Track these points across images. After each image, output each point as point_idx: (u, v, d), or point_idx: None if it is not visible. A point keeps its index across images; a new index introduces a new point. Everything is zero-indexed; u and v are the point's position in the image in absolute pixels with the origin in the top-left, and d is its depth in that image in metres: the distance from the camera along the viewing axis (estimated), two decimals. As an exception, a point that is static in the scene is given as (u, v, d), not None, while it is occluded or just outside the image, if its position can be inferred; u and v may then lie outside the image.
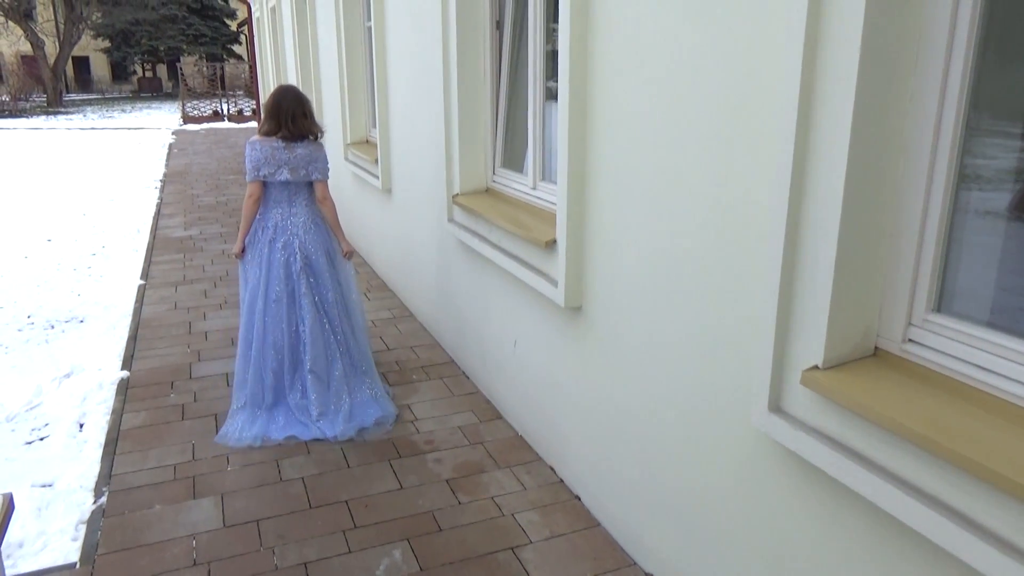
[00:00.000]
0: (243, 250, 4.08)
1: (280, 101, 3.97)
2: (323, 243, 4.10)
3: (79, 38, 36.48)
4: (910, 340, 1.82)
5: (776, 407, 2.00)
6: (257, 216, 4.03)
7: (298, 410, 4.01)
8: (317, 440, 3.85)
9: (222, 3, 40.73)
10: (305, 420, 3.97)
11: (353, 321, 4.23)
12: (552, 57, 3.50)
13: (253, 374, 4.01)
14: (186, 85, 27.23)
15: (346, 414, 3.99)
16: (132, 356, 4.97)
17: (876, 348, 1.89)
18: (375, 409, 4.07)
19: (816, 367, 1.85)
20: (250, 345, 4.03)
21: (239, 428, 3.90)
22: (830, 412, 1.84)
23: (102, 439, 3.89)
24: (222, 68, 30.32)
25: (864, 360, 1.87)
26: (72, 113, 29.94)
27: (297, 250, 4.01)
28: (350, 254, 4.27)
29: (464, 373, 4.68)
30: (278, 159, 3.92)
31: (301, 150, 3.96)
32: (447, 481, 3.49)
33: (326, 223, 4.15)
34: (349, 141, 7.19)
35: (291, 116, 3.95)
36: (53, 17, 37.83)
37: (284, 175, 3.94)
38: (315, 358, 4.01)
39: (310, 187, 4.07)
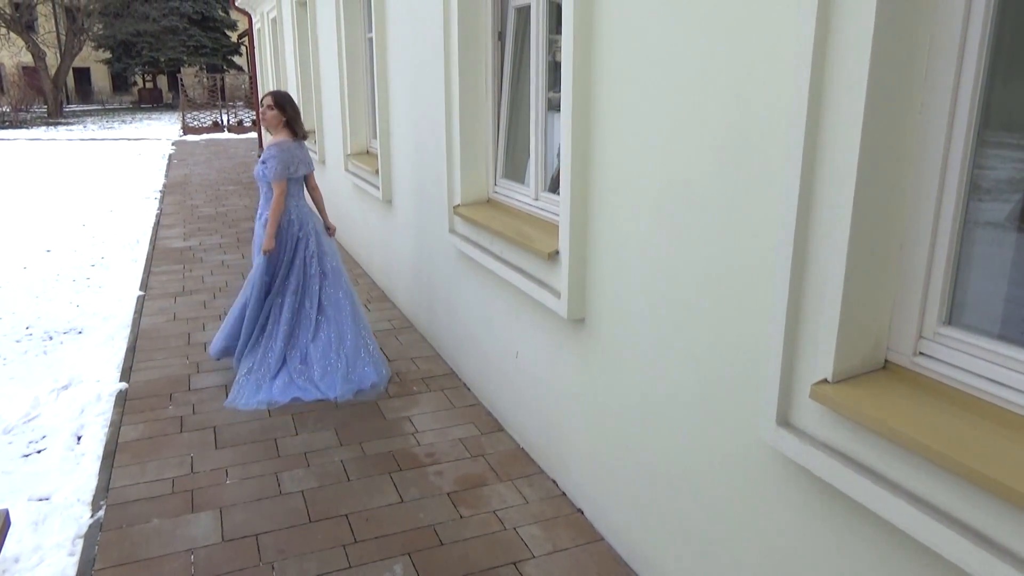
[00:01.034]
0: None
1: (296, 108, 4.60)
2: (319, 223, 4.73)
3: (80, 49, 36.61)
4: (921, 353, 1.80)
5: (785, 421, 1.97)
6: None
7: (297, 374, 4.48)
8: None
9: (223, 15, 40.87)
10: (306, 384, 4.44)
11: (347, 287, 4.72)
12: (554, 68, 3.49)
13: (265, 344, 4.51)
14: (186, 96, 27.29)
15: (343, 374, 4.48)
16: (131, 368, 4.94)
17: (886, 361, 1.86)
18: (370, 371, 4.58)
19: (825, 380, 1.83)
20: (262, 319, 4.54)
21: (247, 395, 4.35)
22: (840, 426, 1.81)
23: (100, 452, 3.85)
24: (222, 79, 30.38)
25: (874, 373, 1.84)
26: (72, 124, 29.98)
27: (310, 233, 4.60)
28: (334, 230, 4.89)
29: (465, 385, 4.65)
30: (299, 157, 4.56)
31: (306, 147, 4.67)
32: (448, 494, 3.46)
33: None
34: (350, 152, 7.18)
35: (302, 120, 4.64)
36: (54, 28, 37.97)
37: (303, 170, 4.59)
38: (317, 328, 4.54)
39: (304, 178, 4.70)
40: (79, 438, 4.04)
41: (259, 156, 4.83)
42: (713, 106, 2.17)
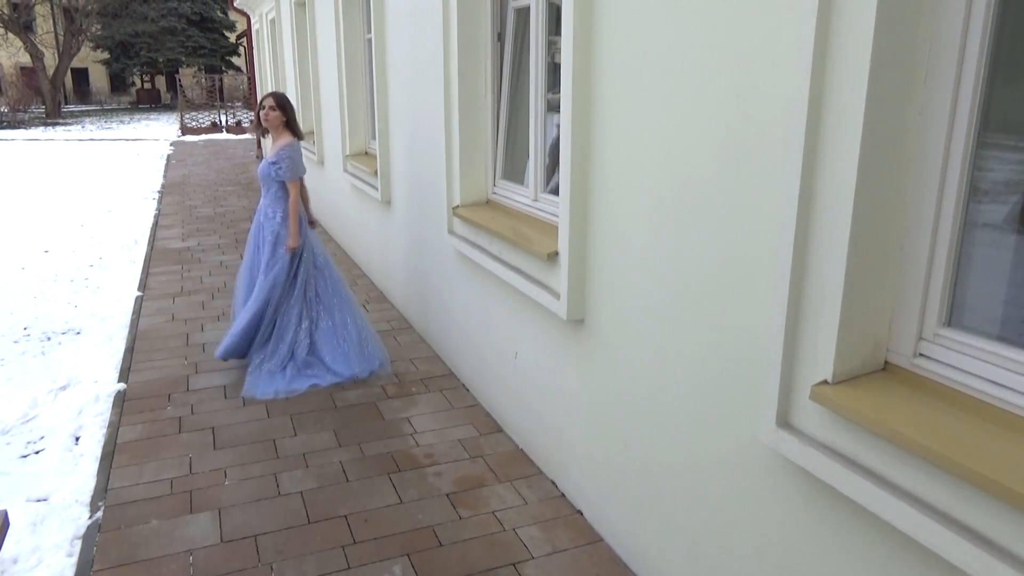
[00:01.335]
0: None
1: (294, 108, 4.74)
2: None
3: (78, 50, 36.53)
4: (921, 354, 1.80)
5: (785, 422, 1.97)
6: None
7: (305, 365, 4.66)
8: (337, 391, 4.29)
9: (221, 15, 40.84)
10: (319, 371, 4.66)
11: (338, 276, 4.95)
12: (553, 69, 3.49)
13: (276, 336, 4.67)
14: (184, 97, 27.25)
15: (356, 354, 4.73)
16: (129, 368, 4.94)
17: (886, 362, 1.86)
18: (374, 352, 4.83)
19: (825, 382, 1.83)
20: (274, 312, 4.68)
21: (262, 385, 4.50)
22: (840, 427, 1.82)
23: (98, 452, 3.85)
24: (221, 80, 30.34)
25: (874, 375, 1.84)
26: (70, 124, 29.94)
27: (307, 229, 4.82)
28: (316, 224, 5.12)
29: (464, 385, 4.65)
30: (302, 157, 4.76)
31: None
32: (447, 495, 3.45)
33: None
34: (348, 153, 7.18)
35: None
36: (52, 29, 37.90)
37: (303, 169, 4.77)
38: (319, 318, 4.76)
39: None
40: (77, 439, 4.03)
41: (257, 156, 4.97)
42: (713, 108, 2.18)
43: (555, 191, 3.48)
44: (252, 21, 15.99)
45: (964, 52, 1.62)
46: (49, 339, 5.69)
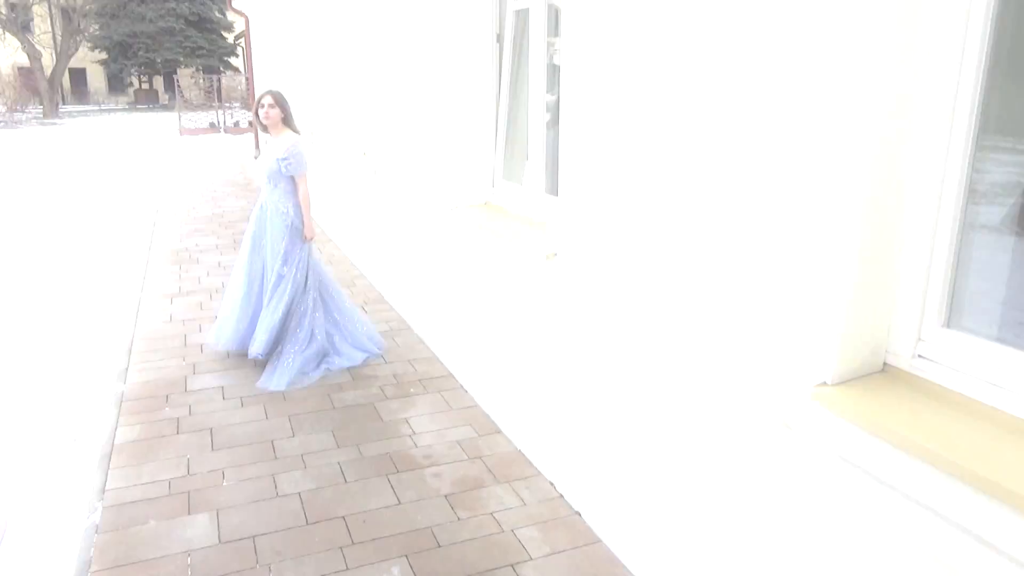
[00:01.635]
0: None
1: (290, 105, 4.77)
2: None
3: (76, 50, 36.52)
4: (920, 356, 1.80)
5: (785, 423, 1.97)
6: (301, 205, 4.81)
7: (320, 351, 4.82)
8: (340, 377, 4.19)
9: (219, 16, 40.82)
10: (328, 359, 4.84)
11: (321, 264, 5.14)
12: (553, 70, 3.50)
13: (294, 326, 4.77)
14: (183, 97, 27.20)
15: (360, 338, 5.01)
16: (127, 369, 4.92)
17: (885, 364, 1.87)
18: (370, 339, 5.08)
19: (825, 383, 1.83)
20: (295, 304, 4.78)
21: (277, 376, 4.61)
22: (839, 428, 1.82)
23: (96, 453, 3.84)
24: (219, 80, 30.30)
25: (873, 376, 1.85)
26: (68, 124, 29.89)
27: None
28: None
29: (462, 386, 4.64)
30: None
31: None
32: (446, 496, 3.45)
33: None
34: (347, 153, 7.17)
35: None
36: (50, 29, 37.87)
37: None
38: (330, 306, 4.97)
39: None
40: (75, 439, 4.02)
41: (255, 156, 5.02)
42: (713, 108, 2.18)
43: (555, 192, 3.48)
44: (251, 21, 15.98)
45: (964, 52, 1.62)
46: (47, 340, 5.68)
